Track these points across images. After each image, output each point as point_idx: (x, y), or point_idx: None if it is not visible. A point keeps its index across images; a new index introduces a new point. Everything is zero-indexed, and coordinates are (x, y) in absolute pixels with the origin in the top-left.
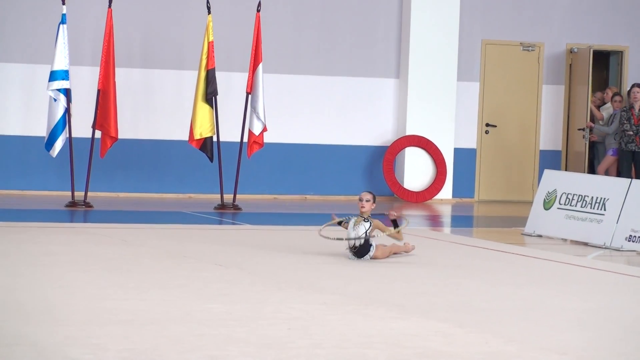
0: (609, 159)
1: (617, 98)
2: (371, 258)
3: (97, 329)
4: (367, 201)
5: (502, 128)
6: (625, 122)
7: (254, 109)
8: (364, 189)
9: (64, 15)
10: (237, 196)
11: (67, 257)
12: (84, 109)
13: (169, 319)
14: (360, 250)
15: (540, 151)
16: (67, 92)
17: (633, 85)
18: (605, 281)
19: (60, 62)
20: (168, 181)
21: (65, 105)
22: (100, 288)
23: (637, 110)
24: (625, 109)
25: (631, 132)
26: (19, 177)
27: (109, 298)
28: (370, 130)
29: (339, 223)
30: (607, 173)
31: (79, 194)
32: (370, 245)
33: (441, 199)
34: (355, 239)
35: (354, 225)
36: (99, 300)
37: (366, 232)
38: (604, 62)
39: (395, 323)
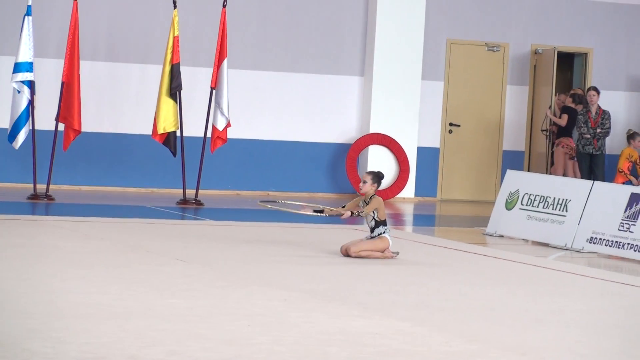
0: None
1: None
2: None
3: (58, 323)
4: (364, 182)
5: (466, 128)
6: (582, 125)
7: (218, 104)
8: (326, 186)
9: (29, 7)
10: (200, 191)
11: (28, 250)
12: (48, 102)
13: (130, 313)
14: (373, 229)
15: (504, 151)
16: (31, 84)
17: (589, 89)
18: (566, 282)
19: (25, 54)
20: (131, 175)
21: (29, 97)
22: (62, 281)
23: (593, 114)
24: (582, 112)
25: (588, 135)
26: None
27: (71, 292)
28: (334, 128)
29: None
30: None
31: (41, 187)
32: (383, 227)
33: (403, 198)
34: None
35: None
36: (60, 294)
37: (374, 217)
38: (569, 64)
39: (357, 321)
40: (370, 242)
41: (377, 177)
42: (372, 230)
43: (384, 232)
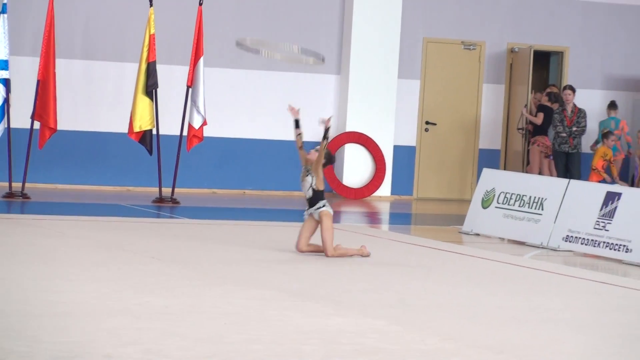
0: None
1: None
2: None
3: (32, 321)
4: (316, 150)
5: (442, 126)
6: (558, 124)
7: (194, 102)
8: None
9: (4, 5)
10: (176, 190)
11: (3, 249)
12: (23, 100)
13: (106, 312)
14: (311, 201)
15: (480, 150)
16: (6, 82)
17: (565, 87)
18: (542, 281)
19: (0, 51)
20: (107, 173)
21: (4, 96)
22: (37, 280)
23: (569, 112)
24: (558, 110)
25: (564, 134)
26: None
27: (46, 290)
28: (310, 126)
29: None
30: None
31: (17, 185)
32: (321, 202)
33: (380, 196)
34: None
35: (301, 181)
36: (35, 292)
37: (311, 185)
38: (545, 63)
39: (332, 320)
40: (324, 231)
41: (330, 155)
42: (310, 202)
43: (324, 206)
